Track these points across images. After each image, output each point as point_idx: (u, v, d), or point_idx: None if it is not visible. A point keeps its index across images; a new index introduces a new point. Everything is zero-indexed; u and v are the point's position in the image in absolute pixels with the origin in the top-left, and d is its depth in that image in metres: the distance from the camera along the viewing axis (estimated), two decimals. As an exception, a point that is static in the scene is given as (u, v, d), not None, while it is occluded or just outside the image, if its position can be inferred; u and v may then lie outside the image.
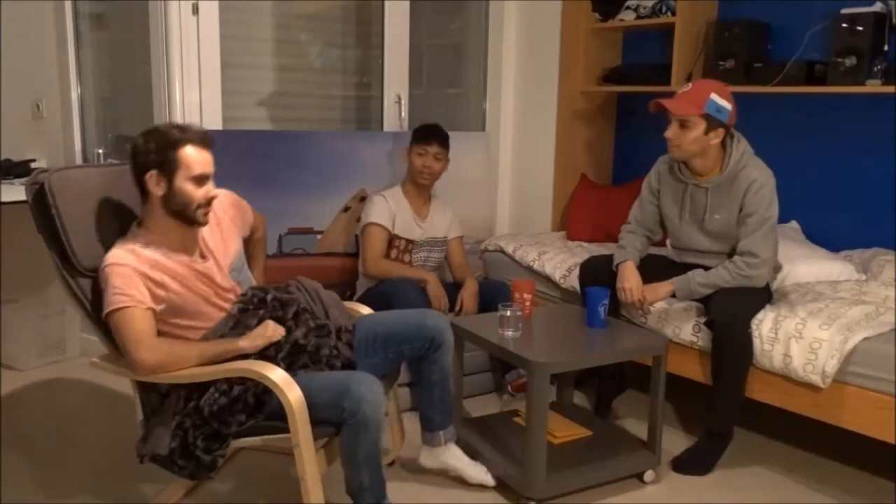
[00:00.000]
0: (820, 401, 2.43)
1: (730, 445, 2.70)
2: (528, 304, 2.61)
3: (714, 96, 2.50)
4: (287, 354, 2.06)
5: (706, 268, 2.69)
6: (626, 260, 2.74)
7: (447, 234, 3.35)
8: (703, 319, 2.67)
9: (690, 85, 2.59)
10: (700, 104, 2.50)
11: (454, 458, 2.42)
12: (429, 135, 3.19)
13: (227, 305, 2.12)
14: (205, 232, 2.15)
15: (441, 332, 2.28)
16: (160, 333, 2.00)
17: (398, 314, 2.39)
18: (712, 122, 2.51)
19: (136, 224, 2.07)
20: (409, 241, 3.23)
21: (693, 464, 2.59)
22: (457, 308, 3.14)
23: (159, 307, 1.98)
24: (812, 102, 3.32)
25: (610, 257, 2.84)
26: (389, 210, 3.17)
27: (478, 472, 2.42)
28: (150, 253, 2.00)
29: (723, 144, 2.60)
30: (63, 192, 1.99)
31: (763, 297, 2.63)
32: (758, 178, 2.55)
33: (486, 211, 4.01)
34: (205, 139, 2.02)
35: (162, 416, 2.00)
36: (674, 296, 2.67)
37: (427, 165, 3.18)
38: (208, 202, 2.03)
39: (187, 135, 1.98)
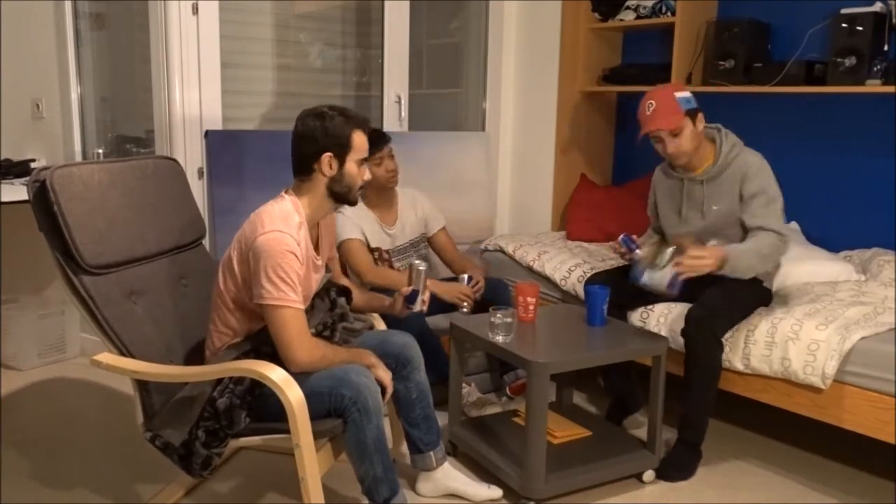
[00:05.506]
0: (820, 401, 2.43)
1: (729, 445, 2.70)
2: (531, 308, 2.59)
3: (677, 94, 2.58)
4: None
5: None
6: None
7: (426, 230, 3.21)
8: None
9: (654, 103, 2.59)
10: (677, 108, 2.56)
11: (453, 479, 2.38)
12: (377, 140, 2.90)
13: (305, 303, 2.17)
14: (322, 231, 2.22)
15: (404, 347, 2.27)
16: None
17: (363, 336, 2.35)
18: (691, 114, 2.59)
19: (292, 193, 2.10)
20: (384, 251, 3.10)
21: (675, 470, 2.56)
22: (471, 284, 2.97)
23: None
24: (812, 102, 3.32)
25: (611, 271, 2.87)
26: (355, 224, 3.00)
27: (481, 490, 2.38)
28: (303, 234, 2.04)
29: (711, 138, 2.67)
30: (65, 189, 1.97)
31: (749, 305, 2.61)
32: (754, 162, 2.60)
33: (486, 211, 4.01)
34: (366, 123, 2.13)
35: (189, 409, 1.98)
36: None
37: (389, 169, 3.01)
38: (364, 185, 2.14)
39: (355, 119, 2.09)
